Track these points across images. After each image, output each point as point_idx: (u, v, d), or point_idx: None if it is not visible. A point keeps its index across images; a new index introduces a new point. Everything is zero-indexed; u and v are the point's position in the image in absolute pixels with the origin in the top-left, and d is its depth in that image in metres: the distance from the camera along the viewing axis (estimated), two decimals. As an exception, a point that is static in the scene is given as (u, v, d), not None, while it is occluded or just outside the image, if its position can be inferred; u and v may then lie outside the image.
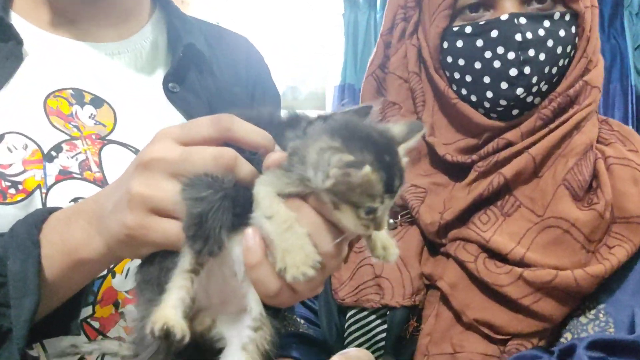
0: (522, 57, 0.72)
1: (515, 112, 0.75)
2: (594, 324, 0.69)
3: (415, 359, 0.75)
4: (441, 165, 0.80)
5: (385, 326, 0.77)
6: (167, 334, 0.46)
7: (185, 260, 0.49)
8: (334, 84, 3.19)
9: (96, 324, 0.69)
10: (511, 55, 0.72)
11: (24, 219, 0.58)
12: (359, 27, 3.18)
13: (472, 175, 0.76)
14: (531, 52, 0.72)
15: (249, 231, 0.47)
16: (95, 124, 0.74)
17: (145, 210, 0.50)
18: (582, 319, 0.70)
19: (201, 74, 0.85)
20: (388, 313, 0.77)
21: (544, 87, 0.74)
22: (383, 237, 0.51)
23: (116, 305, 0.70)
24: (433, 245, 0.79)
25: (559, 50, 0.73)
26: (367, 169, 0.42)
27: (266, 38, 3.24)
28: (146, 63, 0.83)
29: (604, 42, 3.18)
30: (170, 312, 0.47)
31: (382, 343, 0.76)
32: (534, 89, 0.73)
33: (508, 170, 0.73)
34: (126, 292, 0.70)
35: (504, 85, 0.74)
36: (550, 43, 0.72)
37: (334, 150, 0.43)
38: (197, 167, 0.49)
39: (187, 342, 0.48)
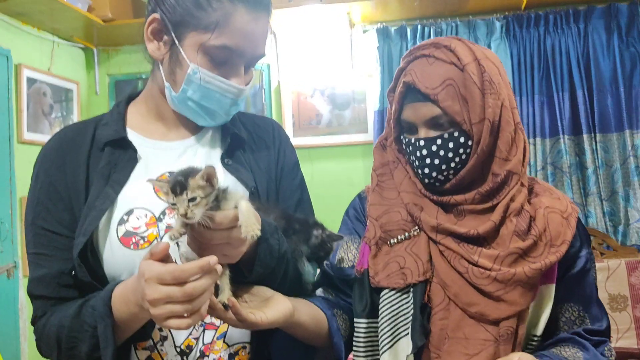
0: (421, 163, 1.16)
1: (437, 184, 1.18)
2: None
3: (433, 337, 1.12)
4: (424, 197, 1.22)
5: (407, 299, 1.15)
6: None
7: None
8: (373, 109, 3.52)
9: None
10: (417, 162, 1.18)
11: (100, 296, 1.02)
12: (393, 57, 3.48)
13: (457, 218, 1.17)
14: (427, 160, 1.15)
15: None
16: None
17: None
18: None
19: (244, 151, 1.24)
20: (412, 289, 1.15)
21: (451, 172, 1.16)
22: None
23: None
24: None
25: (450, 155, 1.14)
26: (162, 180, 1.02)
27: (314, 72, 3.66)
28: (210, 146, 1.23)
29: (624, 50, 3.42)
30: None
31: (406, 311, 1.14)
32: (440, 176, 1.16)
33: (481, 229, 1.14)
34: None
35: (420, 176, 1.19)
36: (442, 152, 1.14)
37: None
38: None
39: None
